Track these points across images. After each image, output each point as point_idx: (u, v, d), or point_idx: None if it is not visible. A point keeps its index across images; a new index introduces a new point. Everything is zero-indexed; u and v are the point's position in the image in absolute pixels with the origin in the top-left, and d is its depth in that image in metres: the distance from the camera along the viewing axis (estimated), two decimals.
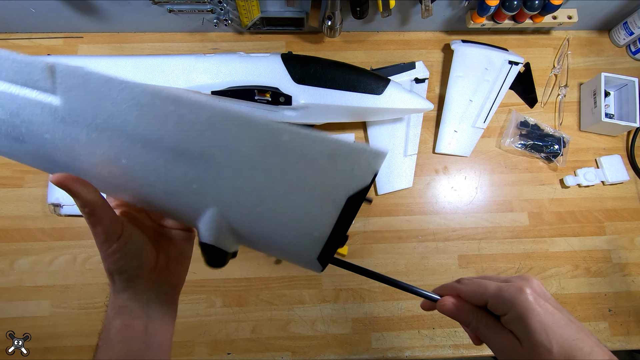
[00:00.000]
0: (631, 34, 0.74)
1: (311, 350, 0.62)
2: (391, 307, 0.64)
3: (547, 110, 0.75)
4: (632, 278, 0.67)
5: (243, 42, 0.77)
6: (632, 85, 0.71)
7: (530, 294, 0.29)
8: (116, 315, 0.33)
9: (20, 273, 0.64)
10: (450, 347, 0.62)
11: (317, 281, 0.65)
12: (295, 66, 0.61)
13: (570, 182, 0.70)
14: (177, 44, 0.76)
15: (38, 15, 0.70)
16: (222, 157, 0.26)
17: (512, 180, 0.71)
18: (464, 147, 0.72)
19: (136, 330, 0.33)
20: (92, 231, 0.30)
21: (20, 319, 0.62)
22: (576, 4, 0.72)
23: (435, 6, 0.68)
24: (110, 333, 0.33)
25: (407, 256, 0.67)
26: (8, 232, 0.65)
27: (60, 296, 0.63)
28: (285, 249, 0.29)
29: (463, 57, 0.73)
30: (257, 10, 0.69)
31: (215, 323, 0.63)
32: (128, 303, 0.33)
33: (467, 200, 0.70)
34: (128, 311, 0.33)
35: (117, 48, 0.75)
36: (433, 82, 0.76)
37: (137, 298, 0.34)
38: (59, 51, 0.74)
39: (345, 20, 0.72)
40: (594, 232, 0.69)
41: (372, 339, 0.63)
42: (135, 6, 0.69)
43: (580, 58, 0.78)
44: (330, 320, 0.63)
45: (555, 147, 0.71)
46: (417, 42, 0.78)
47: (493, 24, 0.73)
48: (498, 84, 0.73)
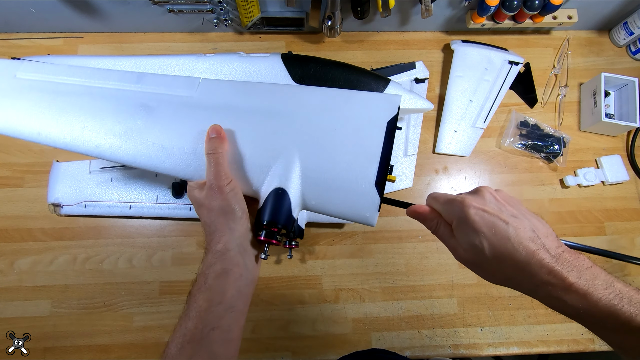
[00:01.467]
0: (631, 34, 0.74)
1: (311, 350, 0.62)
2: (391, 307, 0.64)
3: (547, 110, 0.75)
4: (632, 278, 0.67)
5: (243, 42, 0.77)
6: (632, 85, 0.71)
7: (469, 206, 0.32)
8: (218, 260, 0.37)
9: (20, 273, 0.64)
10: (450, 347, 0.62)
11: (317, 281, 0.65)
12: (295, 66, 0.61)
13: (570, 182, 0.70)
14: (177, 44, 0.76)
15: (38, 15, 0.70)
16: (298, 109, 0.40)
17: (512, 180, 0.71)
18: (464, 147, 0.72)
19: (233, 275, 0.36)
20: (215, 169, 0.37)
21: (20, 319, 0.62)
22: (576, 4, 0.72)
23: (435, 6, 0.68)
24: (209, 279, 0.36)
25: (407, 256, 0.67)
26: (8, 232, 0.66)
27: (60, 296, 0.63)
28: (346, 180, 0.38)
29: (463, 57, 0.73)
30: (257, 10, 0.69)
31: None
32: (231, 246, 0.37)
33: None
34: (229, 257, 0.37)
35: (117, 48, 0.75)
36: (433, 82, 0.76)
37: (239, 243, 0.38)
38: (59, 51, 0.74)
39: (345, 20, 0.72)
40: (594, 232, 0.69)
41: (372, 339, 0.63)
42: (135, 6, 0.69)
43: (580, 58, 0.78)
44: (330, 320, 0.63)
45: (555, 147, 0.71)
46: (417, 42, 0.78)
47: (493, 24, 0.73)
48: (498, 84, 0.73)
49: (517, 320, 0.64)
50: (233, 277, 0.36)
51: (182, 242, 0.66)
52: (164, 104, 0.42)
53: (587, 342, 0.63)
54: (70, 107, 0.42)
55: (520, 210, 0.33)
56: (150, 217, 0.66)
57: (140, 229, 0.67)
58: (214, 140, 0.38)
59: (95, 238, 0.66)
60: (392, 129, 0.38)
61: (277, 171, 0.39)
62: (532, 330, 0.63)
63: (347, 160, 0.38)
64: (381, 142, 0.38)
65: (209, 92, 0.42)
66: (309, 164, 0.38)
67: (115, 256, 0.65)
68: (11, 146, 0.69)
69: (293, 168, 0.38)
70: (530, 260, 0.29)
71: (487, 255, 0.31)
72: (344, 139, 0.38)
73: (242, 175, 0.40)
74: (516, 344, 0.63)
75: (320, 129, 0.39)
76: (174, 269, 0.65)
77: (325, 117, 0.39)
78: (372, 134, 0.38)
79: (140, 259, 0.65)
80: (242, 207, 0.38)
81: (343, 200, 0.38)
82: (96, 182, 0.65)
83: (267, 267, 0.66)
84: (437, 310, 0.64)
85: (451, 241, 0.34)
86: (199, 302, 0.35)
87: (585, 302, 0.28)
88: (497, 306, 0.65)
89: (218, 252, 0.37)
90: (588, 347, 0.62)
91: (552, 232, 0.32)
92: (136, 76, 0.43)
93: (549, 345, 0.63)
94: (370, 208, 0.38)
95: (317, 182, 0.38)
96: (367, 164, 0.38)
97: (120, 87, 0.43)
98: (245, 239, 0.39)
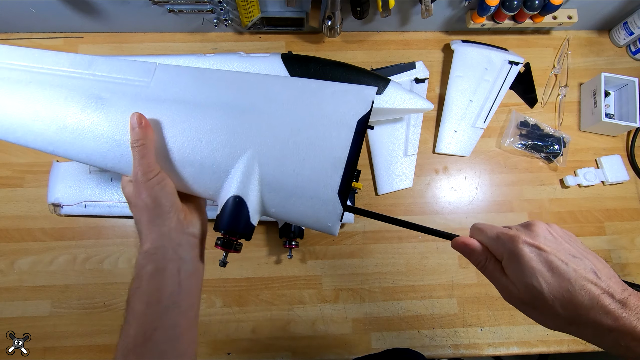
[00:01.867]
0: (631, 34, 0.74)
1: (311, 350, 0.62)
2: (391, 307, 0.64)
3: (547, 110, 0.75)
4: (632, 278, 0.67)
5: (243, 42, 0.77)
6: (632, 85, 0.71)
7: (522, 241, 0.30)
8: (148, 260, 0.35)
9: (20, 273, 0.64)
10: (450, 347, 0.62)
11: (317, 281, 0.65)
12: (295, 66, 0.61)
13: (570, 182, 0.70)
14: (177, 44, 0.76)
15: (38, 15, 0.70)
16: (262, 105, 0.36)
17: (512, 180, 0.71)
18: (464, 147, 0.72)
19: (169, 272, 0.35)
20: (139, 162, 0.35)
21: (20, 319, 0.62)
22: (576, 4, 0.72)
23: (435, 6, 0.68)
24: (142, 281, 0.34)
25: (407, 256, 0.67)
26: (8, 232, 0.66)
27: (60, 296, 0.63)
28: (308, 188, 0.35)
29: (463, 57, 0.73)
30: (257, 10, 0.69)
31: (215, 323, 0.63)
32: (160, 244, 0.35)
33: (467, 201, 0.70)
34: (161, 253, 0.35)
35: (117, 48, 0.75)
36: (433, 82, 0.76)
37: (170, 237, 0.35)
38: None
39: (345, 20, 0.72)
40: (594, 232, 0.69)
41: (372, 339, 0.63)
42: (135, 6, 0.69)
43: (580, 58, 0.78)
44: (330, 320, 0.63)
45: (555, 147, 0.71)
46: (417, 42, 0.78)
47: (493, 24, 0.73)
48: (498, 84, 0.73)
49: (517, 320, 0.64)
50: (169, 273, 0.34)
51: None
52: (117, 95, 0.38)
53: (587, 342, 0.63)
54: (18, 96, 0.39)
55: (578, 249, 0.30)
56: None
57: None
58: (136, 132, 0.35)
59: (95, 238, 0.66)
60: (363, 129, 0.34)
61: (235, 177, 0.35)
62: (532, 330, 0.63)
63: (310, 165, 0.34)
64: (348, 144, 0.34)
65: (165, 82, 0.38)
66: (269, 169, 0.35)
67: (115, 256, 0.65)
68: (11, 146, 0.69)
69: (252, 173, 0.35)
70: (594, 305, 0.27)
71: (546, 297, 0.28)
72: (308, 140, 0.34)
73: (195, 178, 0.37)
74: (516, 344, 0.63)
75: (284, 129, 0.35)
76: None
77: (291, 114, 0.35)
78: (339, 135, 0.34)
79: None
80: (172, 201, 0.36)
81: (304, 208, 0.35)
82: (96, 182, 0.65)
83: (267, 267, 0.66)
84: (437, 310, 0.64)
85: (502, 280, 0.31)
86: (136, 307, 0.33)
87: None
88: (497, 306, 0.65)
89: (147, 252, 0.35)
90: (588, 347, 0.62)
91: (614, 273, 0.30)
92: (87, 61, 0.39)
93: (549, 345, 0.63)
94: (331, 218, 0.34)
95: (277, 189, 0.35)
96: (331, 170, 0.34)
97: (71, 74, 0.39)
98: (178, 232, 0.36)
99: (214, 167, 0.36)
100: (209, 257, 0.40)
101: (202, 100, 0.37)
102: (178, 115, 0.37)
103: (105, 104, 0.38)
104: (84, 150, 0.38)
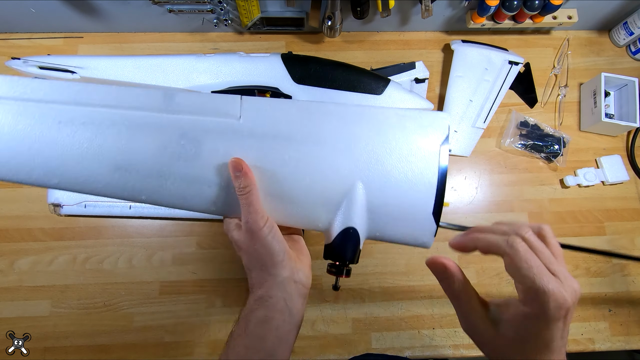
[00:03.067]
0: (631, 34, 0.74)
1: (311, 350, 0.62)
2: (391, 307, 0.64)
3: (547, 110, 0.75)
4: (632, 278, 0.67)
5: (243, 42, 0.77)
6: (632, 85, 0.71)
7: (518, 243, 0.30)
8: (260, 306, 0.35)
9: (20, 273, 0.64)
10: (450, 347, 0.62)
11: (317, 281, 0.65)
12: (295, 66, 0.61)
13: (570, 182, 0.70)
14: (177, 44, 0.76)
15: (38, 15, 0.70)
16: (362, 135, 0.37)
17: (512, 180, 0.71)
18: (464, 147, 0.72)
19: (275, 323, 0.35)
20: (247, 210, 0.35)
21: (20, 319, 0.62)
22: (576, 4, 0.72)
23: (435, 6, 0.68)
24: (250, 325, 0.35)
25: (407, 256, 0.67)
26: (8, 232, 0.66)
27: (60, 296, 0.63)
28: (405, 211, 0.37)
29: (463, 57, 0.73)
30: (257, 10, 0.69)
31: (215, 323, 0.63)
32: (274, 293, 0.35)
33: (467, 200, 0.70)
34: (273, 303, 0.35)
35: (117, 48, 0.76)
36: (433, 82, 0.76)
37: (284, 288, 0.36)
38: (59, 51, 0.74)
39: (345, 20, 0.72)
40: (594, 232, 0.69)
41: (372, 339, 0.63)
42: (135, 6, 0.69)
43: (580, 58, 0.78)
44: (330, 320, 0.63)
45: (555, 147, 0.71)
46: (417, 42, 0.78)
47: (493, 24, 0.73)
48: (498, 84, 0.73)
49: None
50: (275, 324, 0.35)
51: (182, 242, 0.66)
52: (211, 135, 0.36)
53: (587, 342, 0.63)
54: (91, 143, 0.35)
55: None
56: (150, 217, 0.66)
57: (140, 229, 0.67)
58: (239, 179, 0.34)
59: (95, 238, 0.66)
60: (445, 152, 0.36)
61: (346, 209, 0.37)
62: None
63: (407, 191, 0.36)
64: (437, 167, 0.36)
65: (255, 116, 0.36)
66: (375, 198, 0.37)
67: (115, 256, 0.65)
68: None
69: (362, 203, 0.37)
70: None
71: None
72: (400, 166, 0.37)
73: (303, 215, 0.37)
74: None
75: (377, 157, 0.37)
76: (173, 269, 0.65)
77: (381, 143, 0.37)
78: (426, 159, 0.36)
79: (140, 259, 0.65)
80: (283, 249, 0.36)
81: (404, 229, 0.37)
82: None
83: None
84: (437, 310, 0.64)
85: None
86: (239, 349, 0.34)
87: None
88: None
89: (260, 299, 0.35)
90: (588, 347, 0.63)
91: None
92: (162, 96, 0.36)
93: None
94: (427, 235, 0.37)
95: (381, 215, 0.37)
96: (424, 194, 0.36)
97: (147, 116, 0.35)
98: (290, 281, 0.36)
99: (325, 203, 0.37)
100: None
101: (296, 134, 0.37)
102: (278, 152, 0.36)
103: (199, 147, 0.36)
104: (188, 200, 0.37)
